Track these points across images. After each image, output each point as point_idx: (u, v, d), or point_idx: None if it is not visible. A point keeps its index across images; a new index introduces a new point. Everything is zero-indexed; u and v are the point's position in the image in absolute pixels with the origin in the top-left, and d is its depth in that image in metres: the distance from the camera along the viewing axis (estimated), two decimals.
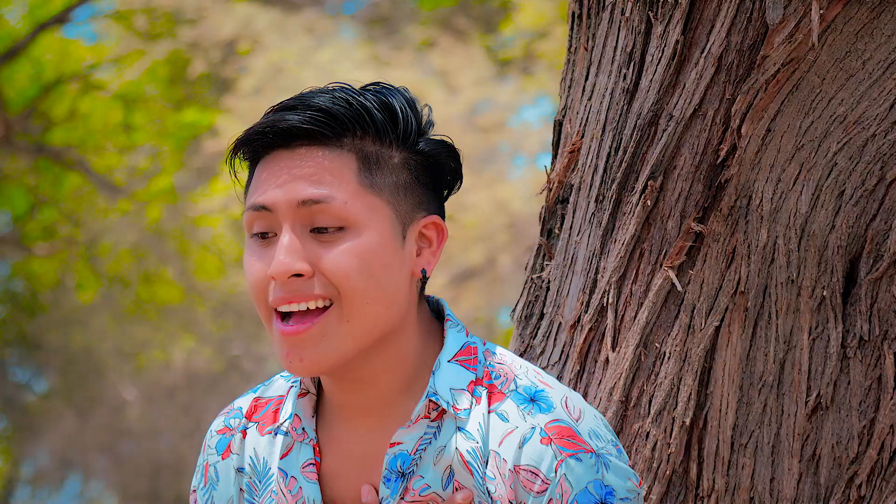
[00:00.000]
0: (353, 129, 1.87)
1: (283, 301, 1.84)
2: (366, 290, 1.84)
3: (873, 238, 2.11)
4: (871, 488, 2.07)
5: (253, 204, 1.87)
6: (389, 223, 1.87)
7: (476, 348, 1.92)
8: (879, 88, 2.10)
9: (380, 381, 1.90)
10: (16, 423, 14.66)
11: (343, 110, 1.87)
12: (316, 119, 1.86)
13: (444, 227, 1.94)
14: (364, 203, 1.85)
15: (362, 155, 1.87)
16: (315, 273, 1.83)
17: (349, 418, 1.93)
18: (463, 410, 1.87)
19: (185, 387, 14.61)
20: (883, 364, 2.09)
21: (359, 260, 1.84)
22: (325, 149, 1.87)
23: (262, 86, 11.79)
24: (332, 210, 1.84)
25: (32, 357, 14.46)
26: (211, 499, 2.03)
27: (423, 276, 1.91)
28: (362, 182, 1.86)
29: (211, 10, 11.85)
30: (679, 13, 2.17)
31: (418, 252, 1.91)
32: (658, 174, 2.16)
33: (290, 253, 1.83)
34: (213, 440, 2.05)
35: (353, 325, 1.84)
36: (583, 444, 1.82)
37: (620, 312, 2.18)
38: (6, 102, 11.45)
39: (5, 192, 12.19)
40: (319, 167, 1.86)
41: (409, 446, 1.88)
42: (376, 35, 12.47)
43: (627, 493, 1.81)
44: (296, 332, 1.84)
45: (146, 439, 15.07)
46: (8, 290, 13.57)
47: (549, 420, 1.83)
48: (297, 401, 1.97)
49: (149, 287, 12.73)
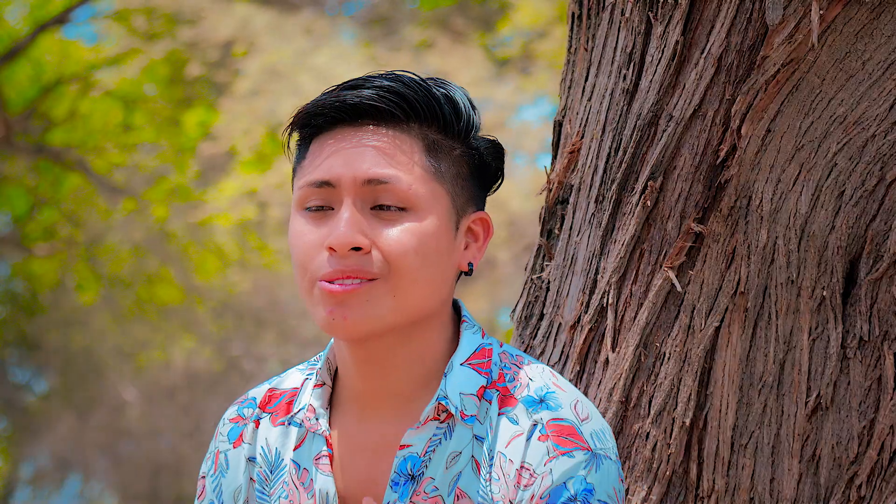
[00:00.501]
0: (421, 114, 1.89)
1: (338, 275, 1.83)
2: (418, 271, 1.85)
3: (873, 238, 2.11)
4: (871, 489, 2.07)
5: (314, 180, 1.87)
6: (447, 211, 1.89)
7: (491, 350, 1.92)
8: (879, 89, 2.10)
9: (402, 370, 1.90)
10: (16, 423, 14.65)
11: (413, 95, 1.88)
12: (387, 98, 1.87)
13: (491, 225, 1.96)
14: (427, 188, 1.87)
15: (428, 141, 1.89)
16: (372, 249, 1.84)
17: (363, 410, 1.93)
18: (469, 417, 1.87)
19: (185, 387, 14.61)
20: (883, 364, 2.09)
21: (417, 240, 1.85)
22: (392, 129, 1.88)
23: (259, 87, 11.79)
24: (397, 191, 1.85)
25: (32, 357, 14.46)
26: (219, 486, 2.03)
27: (469, 270, 1.93)
28: (427, 167, 1.87)
29: (210, 10, 11.85)
30: (679, 14, 2.18)
31: (465, 246, 1.93)
32: (658, 174, 2.16)
33: (352, 226, 1.83)
34: (225, 428, 2.05)
35: (399, 301, 1.85)
36: (581, 441, 1.81)
37: (620, 313, 2.18)
38: (6, 103, 11.45)
39: (5, 193, 12.18)
40: (388, 146, 1.86)
41: (419, 448, 1.87)
42: (375, 36, 12.47)
43: (607, 497, 1.79)
44: (343, 291, 1.83)
45: (146, 439, 15.07)
46: (8, 291, 13.57)
47: (553, 417, 1.83)
48: (314, 391, 1.96)
49: (149, 287, 12.73)
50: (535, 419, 1.83)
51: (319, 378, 1.97)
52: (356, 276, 1.83)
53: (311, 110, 1.89)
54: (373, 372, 1.91)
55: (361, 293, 1.83)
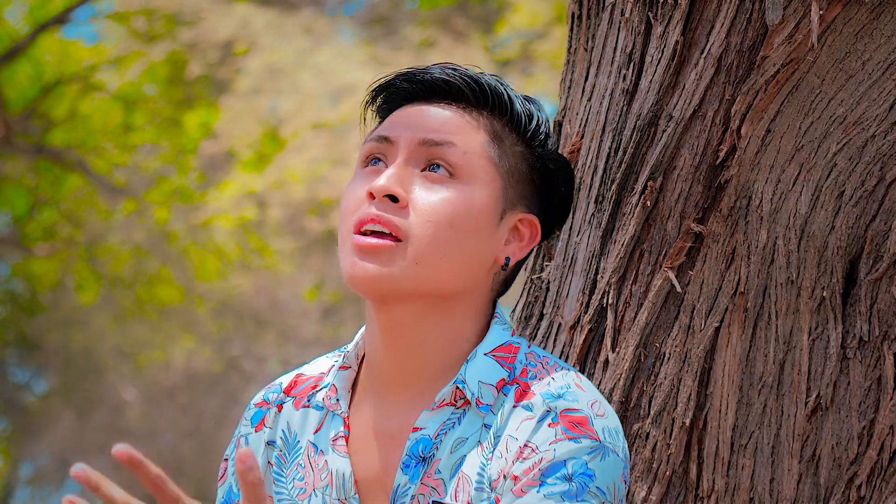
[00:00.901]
0: (493, 105, 1.92)
1: (368, 217, 1.85)
2: (446, 243, 1.86)
3: (873, 238, 2.11)
4: (870, 489, 2.07)
5: (376, 136, 1.91)
6: (495, 198, 1.90)
7: (518, 348, 1.92)
8: (879, 89, 2.10)
9: (426, 350, 1.90)
10: (16, 423, 14.66)
11: (490, 86, 1.92)
12: (464, 81, 1.91)
13: (539, 230, 1.95)
14: (481, 163, 1.89)
15: (493, 129, 1.91)
16: (408, 206, 1.86)
17: (383, 396, 1.93)
18: (485, 406, 1.86)
19: (184, 387, 14.61)
20: (883, 364, 2.09)
21: (453, 211, 1.86)
22: (461, 111, 1.91)
23: (259, 86, 11.79)
24: (450, 156, 1.87)
25: (32, 357, 14.46)
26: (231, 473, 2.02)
27: (504, 265, 1.93)
28: (486, 150, 1.90)
29: (209, 10, 11.85)
30: (679, 14, 2.18)
31: (507, 241, 1.93)
32: (658, 175, 2.16)
33: (393, 177, 1.86)
34: (249, 413, 2.05)
35: (421, 269, 1.85)
36: (591, 432, 1.80)
37: (620, 313, 2.18)
38: (6, 103, 11.45)
39: (5, 193, 12.19)
40: (453, 119, 1.90)
41: (431, 431, 1.87)
42: (374, 36, 12.47)
43: (606, 489, 1.77)
44: (368, 245, 1.84)
45: (146, 439, 15.07)
46: (8, 291, 13.57)
47: (568, 408, 1.82)
48: (338, 373, 1.97)
49: (149, 287, 12.74)
50: (551, 407, 1.82)
51: (346, 361, 1.98)
52: (385, 226, 1.85)
53: (388, 83, 1.95)
54: (397, 347, 1.91)
55: (386, 250, 1.85)
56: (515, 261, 1.95)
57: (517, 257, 1.94)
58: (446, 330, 1.91)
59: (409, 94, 1.94)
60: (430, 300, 1.89)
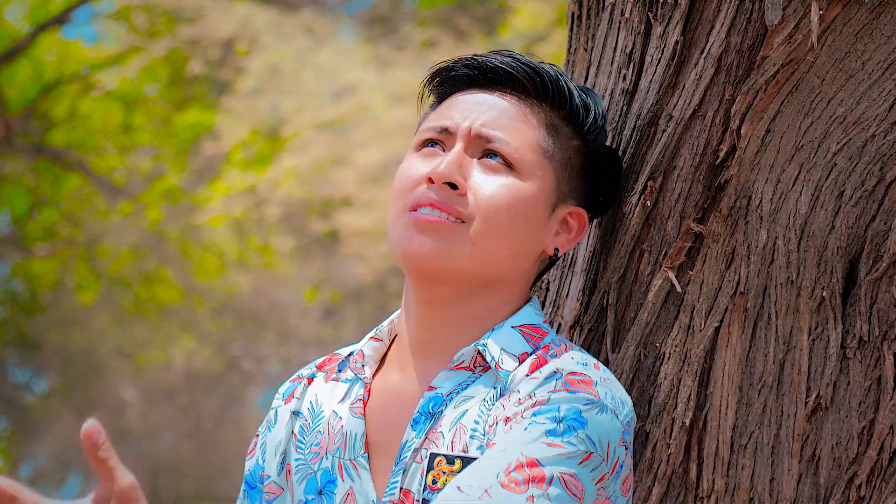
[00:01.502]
0: (549, 94, 1.96)
1: (427, 201, 1.88)
2: (504, 227, 1.89)
3: (873, 238, 2.11)
4: (870, 489, 2.07)
5: (434, 126, 1.95)
6: (549, 189, 1.94)
7: (547, 333, 1.93)
8: (879, 89, 2.10)
9: (459, 327, 1.92)
10: (16, 423, 14.66)
11: (550, 78, 1.96)
12: (525, 71, 1.95)
13: (587, 223, 2.00)
14: (535, 158, 1.93)
15: (550, 121, 1.95)
16: (467, 193, 1.89)
17: (409, 363, 1.94)
18: (505, 371, 1.86)
19: (184, 387, 14.61)
20: (883, 364, 2.09)
21: (511, 196, 1.90)
22: (520, 101, 1.95)
23: (260, 86, 11.79)
24: (505, 150, 1.91)
25: (32, 357, 14.46)
26: (265, 442, 2.05)
27: (553, 256, 1.96)
28: (542, 143, 1.93)
29: (210, 8, 11.84)
30: (679, 14, 2.18)
31: (556, 233, 1.97)
32: (658, 175, 2.16)
33: (453, 165, 1.89)
34: (283, 388, 2.09)
35: (476, 250, 1.88)
36: (592, 390, 1.79)
37: (620, 313, 2.18)
38: (6, 103, 11.44)
39: (5, 193, 12.18)
40: (511, 110, 1.94)
41: (444, 390, 1.88)
42: (376, 35, 12.47)
43: (598, 443, 1.74)
44: (427, 220, 1.87)
45: (146, 439, 15.07)
46: (8, 291, 13.57)
47: (574, 371, 1.82)
48: (369, 342, 2.00)
49: (148, 287, 12.73)
50: (558, 369, 1.83)
51: (378, 334, 2.01)
52: (445, 210, 1.88)
53: (450, 66, 1.99)
54: (432, 320, 1.92)
55: (444, 229, 1.87)
56: (563, 252, 1.98)
57: (565, 249, 1.99)
58: (482, 308, 1.93)
59: (470, 79, 1.98)
60: (477, 282, 1.91)
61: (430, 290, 1.91)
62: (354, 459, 1.92)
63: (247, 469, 2.06)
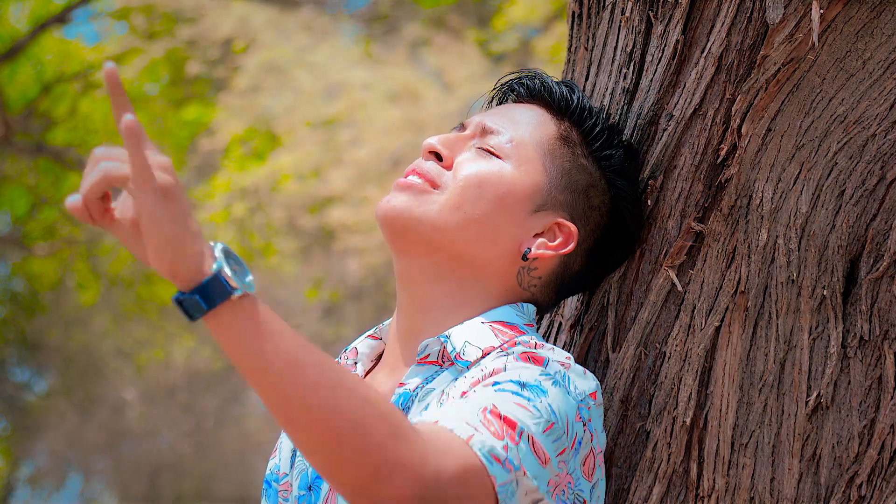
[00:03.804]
0: (575, 116, 2.06)
1: (412, 170, 2.00)
2: (471, 202, 1.95)
3: (873, 238, 2.11)
4: (871, 488, 2.07)
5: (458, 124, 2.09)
6: (535, 185, 1.99)
7: (523, 333, 1.94)
8: (880, 88, 2.10)
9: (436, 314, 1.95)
10: (16, 423, 14.66)
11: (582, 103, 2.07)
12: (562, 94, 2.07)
13: (574, 240, 2.01)
14: (529, 153, 2.00)
15: (566, 136, 2.04)
16: (451, 166, 1.99)
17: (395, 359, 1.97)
18: (464, 361, 1.87)
19: (184, 386, 14.61)
20: (883, 364, 2.09)
21: (487, 173, 1.97)
22: (544, 113, 2.06)
23: (259, 84, 11.79)
24: (499, 141, 1.99)
25: (32, 357, 14.47)
26: (282, 440, 2.08)
27: (523, 256, 1.97)
28: (545, 145, 2.02)
29: (209, 8, 11.84)
30: (679, 13, 2.17)
31: (537, 235, 1.99)
32: (658, 174, 2.16)
33: (444, 140, 2.01)
34: None
35: (439, 217, 1.95)
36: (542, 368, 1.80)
37: (621, 312, 2.18)
38: (6, 102, 11.44)
39: (5, 192, 12.18)
40: (529, 114, 2.06)
41: (412, 386, 1.90)
42: (375, 34, 12.47)
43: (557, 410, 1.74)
44: (404, 183, 1.98)
45: (146, 439, 15.07)
46: (8, 290, 13.57)
47: (528, 350, 1.84)
48: (365, 339, 2.05)
49: (149, 286, 12.74)
50: (515, 342, 1.87)
51: (377, 332, 2.06)
52: (422, 176, 1.98)
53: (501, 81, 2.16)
54: (409, 303, 1.97)
55: (416, 189, 1.96)
56: (540, 257, 1.98)
57: (541, 255, 1.98)
58: (457, 297, 1.95)
59: (516, 94, 2.12)
60: (443, 259, 1.95)
61: (405, 263, 1.97)
62: None
63: (268, 468, 2.09)
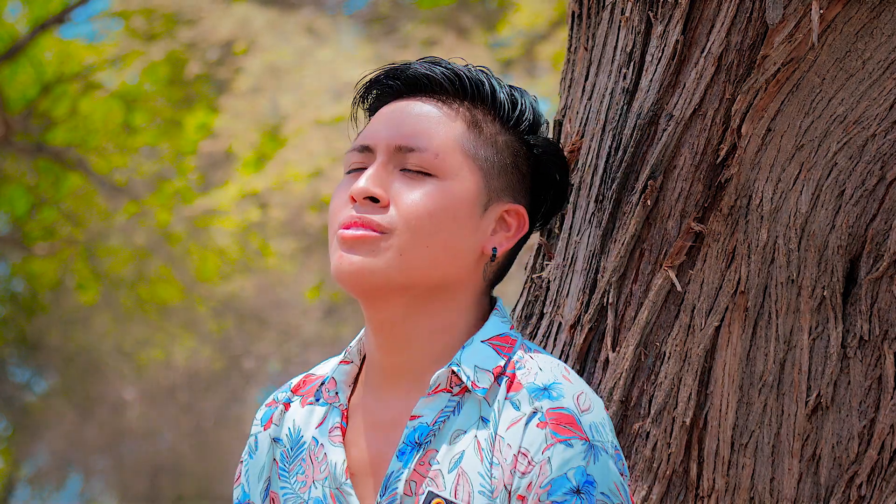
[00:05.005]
0: (473, 94, 1.97)
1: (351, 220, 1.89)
2: (428, 233, 1.89)
3: (873, 238, 2.11)
4: (871, 488, 2.07)
5: (357, 145, 1.96)
6: (475, 188, 1.93)
7: (515, 341, 1.93)
8: (879, 88, 2.10)
9: (419, 343, 1.92)
10: (16, 423, 14.66)
11: (466, 73, 1.97)
12: (444, 74, 1.96)
13: (526, 220, 1.98)
14: (457, 160, 1.93)
15: (471, 119, 1.96)
16: (389, 205, 1.90)
17: (382, 388, 1.95)
18: (481, 388, 1.87)
19: (185, 387, 14.61)
20: (883, 364, 2.09)
21: (432, 202, 1.90)
22: (441, 103, 1.96)
23: (259, 85, 11.79)
24: (424, 158, 1.91)
25: (32, 357, 14.46)
26: (248, 469, 2.06)
27: (492, 256, 1.95)
28: (464, 142, 1.94)
29: (209, 9, 11.84)
30: (679, 13, 2.17)
31: (493, 231, 1.95)
32: (658, 174, 2.16)
33: (372, 178, 1.90)
34: (260, 413, 2.09)
35: (405, 260, 1.88)
36: (578, 430, 1.81)
37: (620, 312, 2.18)
38: (6, 102, 11.44)
39: (5, 193, 12.18)
40: (430, 115, 1.95)
41: (429, 418, 1.88)
42: (375, 34, 12.46)
43: (609, 492, 1.79)
44: (353, 237, 1.89)
45: (146, 439, 15.08)
46: (8, 290, 13.57)
47: (553, 406, 1.83)
48: (339, 367, 2.00)
49: (149, 286, 12.73)
50: (536, 406, 1.83)
51: (347, 356, 2.01)
52: (367, 227, 1.89)
53: (372, 79, 2.00)
54: (390, 343, 1.93)
55: (369, 242, 1.88)
56: (503, 251, 1.96)
57: (504, 248, 1.96)
58: (437, 322, 1.92)
59: (395, 90, 1.99)
60: (418, 293, 1.91)
61: (377, 311, 1.92)
62: (340, 487, 1.93)
63: (235, 497, 2.07)
